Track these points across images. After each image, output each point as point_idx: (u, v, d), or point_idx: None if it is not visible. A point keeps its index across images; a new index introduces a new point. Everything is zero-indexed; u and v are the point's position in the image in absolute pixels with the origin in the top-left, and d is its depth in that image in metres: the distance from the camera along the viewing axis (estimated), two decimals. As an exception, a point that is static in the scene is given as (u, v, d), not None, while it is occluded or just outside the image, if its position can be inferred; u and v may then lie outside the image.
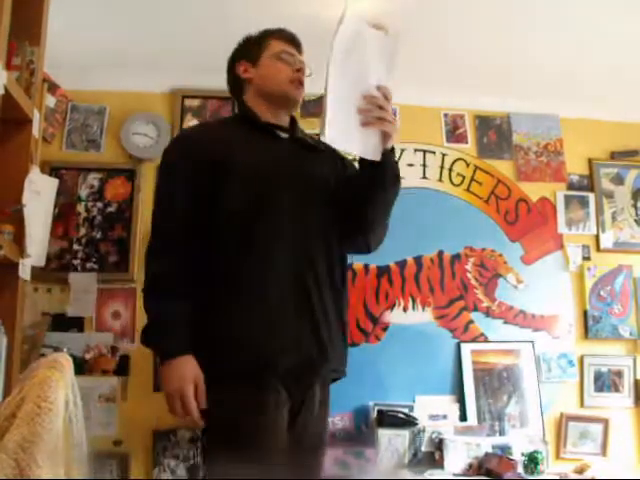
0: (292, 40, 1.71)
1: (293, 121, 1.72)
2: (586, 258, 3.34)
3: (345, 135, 1.41)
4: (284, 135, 1.67)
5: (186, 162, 1.58)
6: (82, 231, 3.08)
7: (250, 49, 1.71)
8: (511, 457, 2.80)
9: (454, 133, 3.41)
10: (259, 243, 1.50)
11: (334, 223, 1.59)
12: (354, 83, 1.40)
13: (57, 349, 2.64)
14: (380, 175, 1.50)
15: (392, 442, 2.85)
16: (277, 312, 1.49)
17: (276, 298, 1.49)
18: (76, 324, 2.97)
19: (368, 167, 1.50)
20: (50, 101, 2.95)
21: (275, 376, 1.48)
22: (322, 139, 1.39)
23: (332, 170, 1.65)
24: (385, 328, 3.14)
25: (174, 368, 1.42)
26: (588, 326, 3.26)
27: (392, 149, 1.51)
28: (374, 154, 1.46)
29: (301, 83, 1.65)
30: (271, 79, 1.65)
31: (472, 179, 3.37)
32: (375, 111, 1.41)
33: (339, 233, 1.61)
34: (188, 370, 1.42)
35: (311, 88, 1.72)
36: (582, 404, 3.19)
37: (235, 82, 1.73)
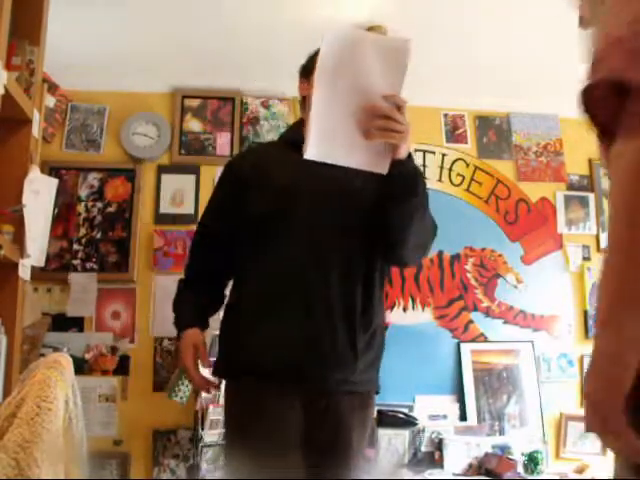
0: None
1: None
2: (586, 258, 3.34)
3: (339, 149, 1.36)
4: None
5: (223, 186, 1.76)
6: (82, 231, 3.08)
7: (306, 66, 1.70)
8: (511, 457, 2.80)
9: (454, 133, 3.41)
10: (270, 253, 1.57)
11: (364, 236, 1.57)
12: (352, 96, 1.34)
13: (57, 349, 2.64)
14: (390, 188, 1.46)
15: (392, 442, 2.85)
16: (277, 320, 1.52)
17: (277, 306, 1.54)
18: (76, 324, 2.97)
19: (382, 180, 1.46)
20: (50, 101, 2.95)
21: (266, 379, 1.50)
22: (305, 156, 1.34)
23: (369, 182, 1.53)
24: (385, 328, 3.14)
25: (180, 341, 1.65)
26: (588, 326, 3.26)
27: (406, 160, 1.43)
28: (380, 167, 1.39)
29: None
30: None
31: (472, 179, 3.37)
32: (377, 122, 1.34)
33: (374, 246, 1.59)
34: (187, 339, 1.63)
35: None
36: (582, 404, 3.17)
37: (301, 99, 1.75)
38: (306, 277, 1.53)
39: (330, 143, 1.35)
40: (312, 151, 1.34)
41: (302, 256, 1.54)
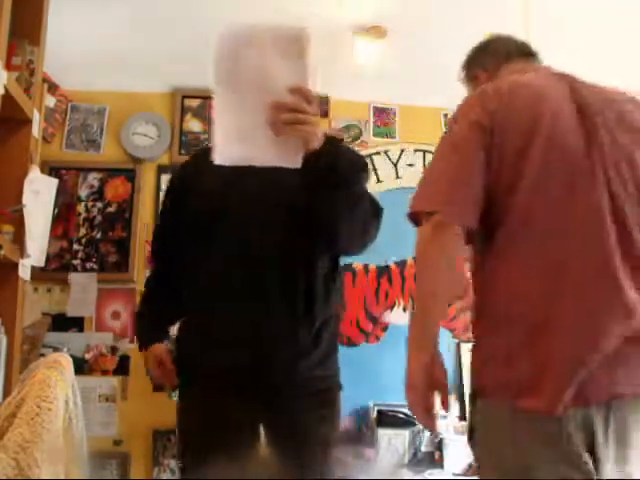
0: None
1: None
2: (586, 258, 3.34)
3: (248, 150, 1.32)
4: None
5: (166, 197, 1.82)
6: (82, 231, 3.08)
7: None
8: (511, 457, 2.80)
9: (454, 133, 3.41)
10: (207, 256, 1.58)
11: (301, 230, 1.54)
12: (256, 93, 1.30)
13: (57, 349, 2.64)
14: (307, 180, 1.40)
15: (392, 442, 2.85)
16: (220, 323, 1.54)
17: (220, 310, 1.55)
18: (76, 324, 2.97)
19: (301, 173, 1.39)
20: (50, 101, 2.95)
21: (213, 386, 1.52)
22: (215, 162, 1.31)
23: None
24: (385, 328, 3.15)
25: (146, 357, 1.70)
26: (588, 326, 3.25)
27: (323, 150, 1.35)
28: (293, 161, 1.33)
29: None
30: None
31: (472, 179, 3.37)
32: (283, 116, 1.28)
33: (314, 239, 1.56)
34: (150, 355, 1.67)
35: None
36: (582, 404, 3.18)
37: None
38: (244, 278, 1.53)
39: (238, 144, 1.32)
40: (221, 156, 1.31)
41: (239, 257, 1.54)
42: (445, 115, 3.42)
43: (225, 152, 1.31)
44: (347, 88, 3.20)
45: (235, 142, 1.31)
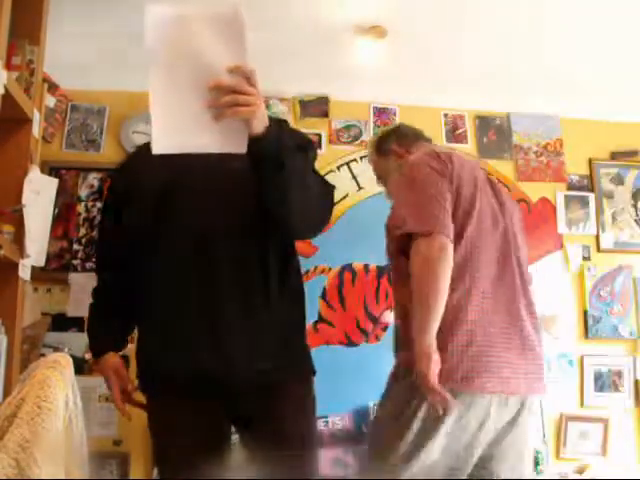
0: None
1: None
2: (586, 258, 3.34)
3: (189, 137, 1.24)
4: None
5: (107, 200, 1.79)
6: (82, 231, 3.08)
7: None
8: (511, 457, 2.80)
9: (454, 133, 3.41)
10: (154, 252, 1.55)
11: (252, 216, 1.50)
12: (192, 78, 1.21)
13: (57, 349, 2.64)
14: (253, 164, 1.33)
15: (392, 442, 2.84)
16: (172, 325, 1.52)
17: (172, 311, 1.52)
18: (76, 324, 2.97)
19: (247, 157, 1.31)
20: (50, 101, 2.95)
21: (177, 390, 1.51)
22: (153, 152, 1.22)
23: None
24: (385, 328, 3.14)
25: (98, 366, 1.71)
26: (588, 326, 3.26)
27: (267, 132, 1.27)
28: (237, 146, 1.26)
29: None
30: None
31: (472, 179, 3.37)
32: (223, 99, 1.20)
33: (266, 224, 1.51)
34: (104, 366, 1.69)
35: (305, 89, 1.71)
36: (582, 404, 3.19)
37: None
38: (194, 273, 1.50)
39: (177, 133, 1.23)
40: (159, 145, 1.22)
41: (188, 252, 1.50)
42: (445, 115, 3.42)
43: (163, 141, 1.22)
44: (347, 88, 3.20)
45: (174, 130, 1.23)
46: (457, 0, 2.52)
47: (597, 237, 3.38)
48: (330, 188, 1.57)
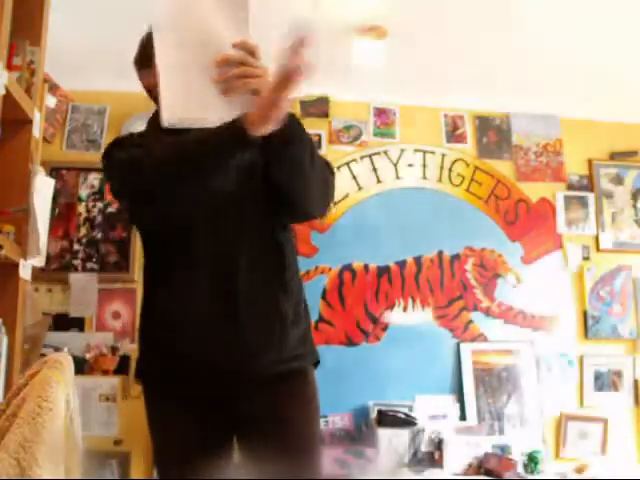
0: None
1: None
2: (586, 258, 3.35)
3: (198, 109, 1.26)
4: None
5: None
6: (82, 231, 3.08)
7: (142, 54, 1.69)
8: (511, 457, 2.80)
9: (454, 133, 3.42)
10: (173, 243, 1.48)
11: (262, 206, 1.48)
12: (200, 53, 1.25)
13: (58, 349, 2.64)
14: (266, 139, 1.30)
15: (392, 442, 2.85)
16: (187, 305, 1.45)
17: (186, 300, 1.46)
18: (76, 324, 2.98)
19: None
20: (50, 101, 2.95)
21: (181, 382, 1.45)
22: (163, 125, 1.23)
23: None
24: (385, 328, 3.15)
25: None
26: (588, 326, 3.26)
27: None
28: None
29: None
30: None
31: (472, 179, 3.37)
32: (231, 72, 1.24)
33: (273, 212, 1.49)
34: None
35: (305, 89, 1.70)
36: (582, 404, 3.19)
37: (147, 92, 1.68)
38: (210, 267, 1.45)
39: (186, 105, 1.25)
40: (170, 116, 1.23)
41: (205, 245, 1.46)
42: (445, 115, 3.43)
43: (175, 112, 1.24)
44: (347, 88, 3.20)
45: (183, 102, 1.25)
46: (457, 0, 2.53)
47: (597, 237, 3.38)
48: (331, 169, 1.57)
